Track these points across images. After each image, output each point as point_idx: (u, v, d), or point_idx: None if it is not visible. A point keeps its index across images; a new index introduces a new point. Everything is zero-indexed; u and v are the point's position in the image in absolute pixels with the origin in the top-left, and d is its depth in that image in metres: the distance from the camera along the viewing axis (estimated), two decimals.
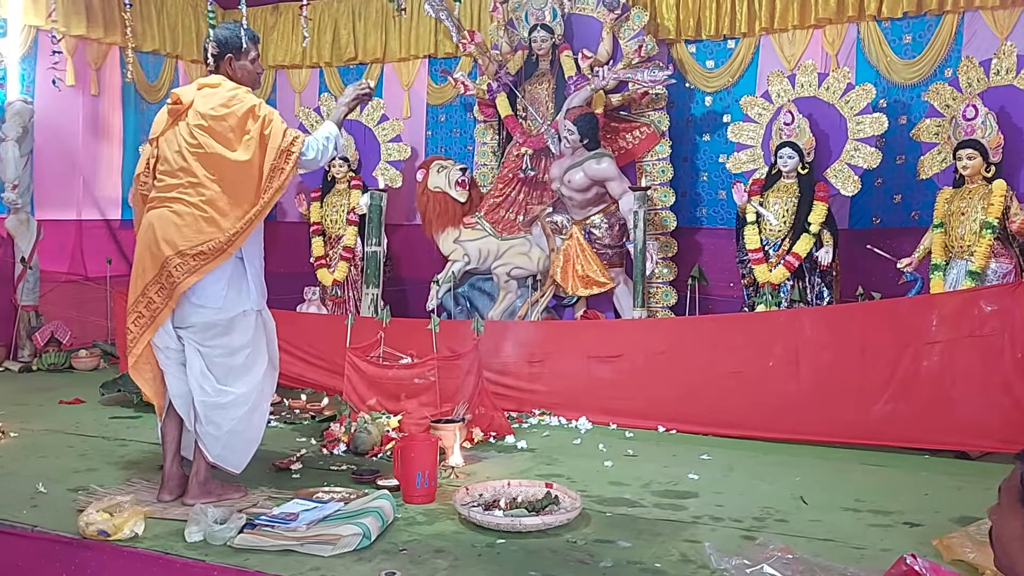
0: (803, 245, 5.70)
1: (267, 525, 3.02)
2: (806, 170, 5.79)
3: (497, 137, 7.29)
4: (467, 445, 4.31)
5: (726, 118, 6.82)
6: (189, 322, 3.34)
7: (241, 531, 2.95)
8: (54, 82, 6.82)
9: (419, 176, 7.05)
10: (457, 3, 6.67)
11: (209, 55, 3.47)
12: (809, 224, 5.70)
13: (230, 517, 3.01)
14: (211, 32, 3.45)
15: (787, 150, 5.75)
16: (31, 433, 4.58)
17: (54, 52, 6.11)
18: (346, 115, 3.71)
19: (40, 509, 3.27)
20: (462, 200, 6.92)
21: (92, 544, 2.92)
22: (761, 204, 5.88)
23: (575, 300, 6.54)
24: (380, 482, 3.65)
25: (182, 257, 3.24)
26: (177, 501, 3.38)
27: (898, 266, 5.50)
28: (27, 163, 6.88)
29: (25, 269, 6.80)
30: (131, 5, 3.57)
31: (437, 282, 6.80)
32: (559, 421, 4.98)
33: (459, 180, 6.89)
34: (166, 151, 3.39)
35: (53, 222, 7.20)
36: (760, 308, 5.66)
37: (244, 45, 3.46)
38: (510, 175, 6.93)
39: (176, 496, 3.40)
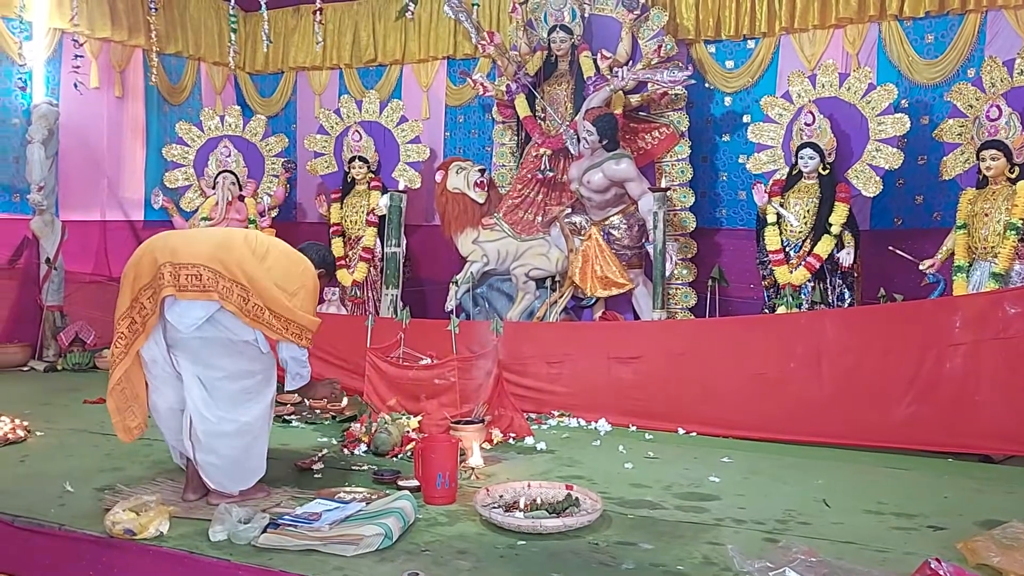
0: (824, 246, 5.67)
1: (290, 525, 3.04)
2: (827, 171, 5.77)
3: (516, 138, 7.30)
4: (486, 446, 4.33)
5: (746, 118, 6.80)
6: (179, 337, 3.25)
7: (265, 531, 2.97)
8: (76, 85, 6.90)
9: (438, 177, 7.07)
10: (475, 6, 6.67)
11: None
12: (830, 225, 5.67)
13: (254, 517, 3.03)
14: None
15: (808, 151, 5.72)
16: (57, 432, 4.64)
17: (76, 56, 6.18)
18: (309, 390, 3.73)
19: (67, 508, 3.31)
20: (481, 201, 6.94)
21: (119, 543, 2.96)
22: (782, 205, 5.86)
23: (594, 301, 6.53)
24: (401, 483, 3.67)
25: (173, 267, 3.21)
26: (202, 500, 3.41)
27: (920, 268, 5.46)
28: (52, 165, 6.97)
29: (50, 270, 6.88)
30: (157, 9, 3.60)
31: (456, 283, 6.82)
32: (578, 423, 4.98)
33: (478, 181, 6.91)
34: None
35: (77, 223, 7.28)
36: (781, 310, 5.64)
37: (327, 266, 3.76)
38: (529, 176, 6.94)
39: (201, 495, 3.43)
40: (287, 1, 8.18)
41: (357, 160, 7.35)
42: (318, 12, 4.03)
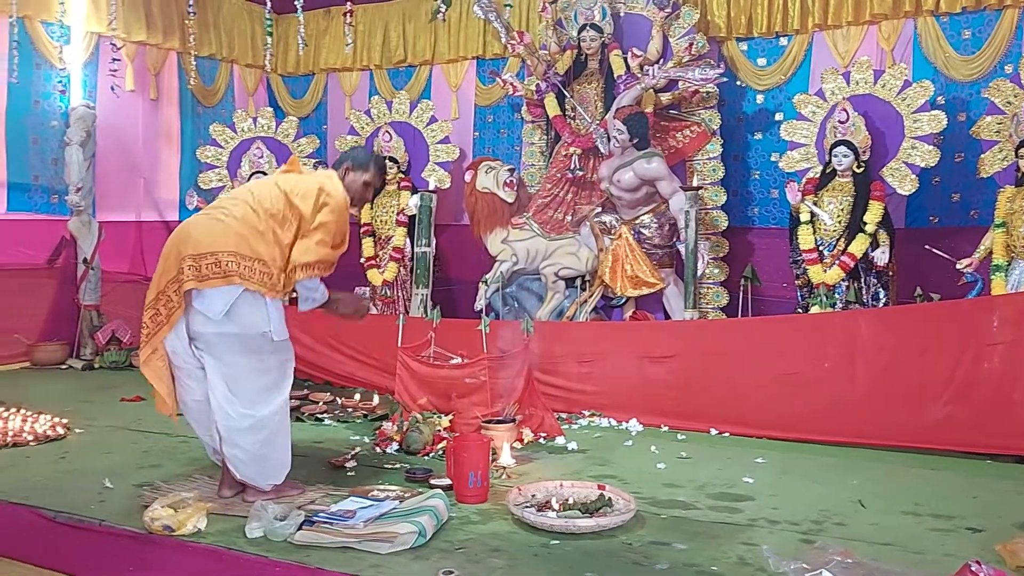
0: (859, 245, 5.61)
1: (325, 522, 3.07)
2: (861, 169, 5.71)
3: (545, 137, 7.30)
4: (517, 446, 4.33)
5: (778, 116, 6.76)
6: (199, 331, 3.31)
7: (300, 528, 3.01)
8: (112, 88, 7.02)
9: (467, 177, 7.09)
10: (508, 6, 6.68)
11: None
12: (865, 224, 5.61)
13: (290, 514, 3.07)
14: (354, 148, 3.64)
15: (842, 148, 5.67)
16: (96, 430, 4.71)
17: (113, 59, 6.28)
18: (331, 308, 3.65)
19: (107, 504, 3.37)
20: (510, 201, 6.95)
21: (157, 539, 3.00)
22: (815, 203, 5.80)
23: (624, 301, 6.52)
24: (433, 481, 3.69)
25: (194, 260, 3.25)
26: (237, 497, 3.45)
27: (957, 267, 5.39)
28: (89, 166, 7.09)
29: (87, 269, 7.00)
30: (195, 13, 3.65)
31: (485, 282, 6.84)
32: (609, 422, 4.97)
33: (507, 181, 6.92)
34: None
35: (114, 224, 7.40)
36: (815, 309, 5.59)
37: (366, 165, 3.58)
38: (558, 175, 6.94)
39: (236, 492, 3.47)
40: (318, 3, 8.24)
41: (387, 160, 7.39)
42: (348, 14, 4.05)
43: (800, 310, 5.87)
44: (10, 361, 6.72)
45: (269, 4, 3.69)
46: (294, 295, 3.54)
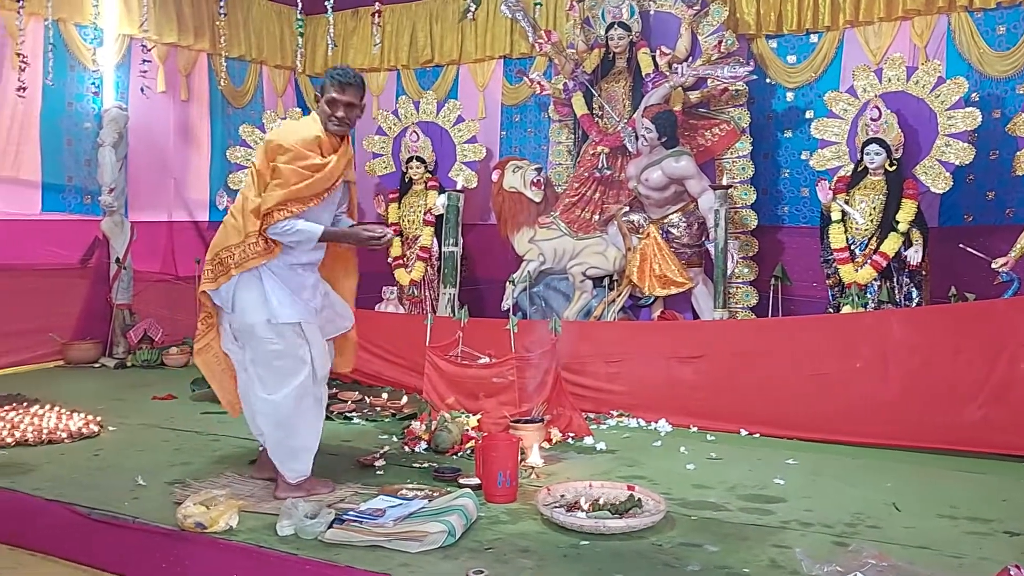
0: (891, 244, 5.54)
1: (355, 521, 3.08)
2: (894, 167, 5.63)
3: (572, 136, 7.28)
4: (546, 446, 4.32)
5: (808, 114, 6.69)
6: (229, 326, 3.56)
7: (331, 526, 3.02)
8: (142, 89, 7.10)
9: (494, 176, 7.09)
10: (538, 5, 6.66)
11: None
12: (897, 222, 5.54)
13: (320, 512, 3.08)
14: None
15: (874, 146, 5.60)
16: (128, 428, 4.77)
17: (144, 60, 6.35)
18: (340, 239, 3.66)
19: (140, 501, 3.41)
20: (537, 200, 6.94)
21: (190, 536, 3.03)
22: (846, 202, 5.74)
23: (652, 300, 6.48)
24: (462, 480, 3.69)
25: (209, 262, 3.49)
26: (267, 483, 3.59)
27: (993, 266, 5.30)
28: (122, 167, 7.17)
29: (120, 269, 7.08)
30: (226, 15, 3.69)
31: (513, 282, 6.83)
32: (638, 423, 4.94)
33: (534, 180, 6.91)
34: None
35: (145, 224, 7.48)
36: (846, 309, 5.53)
37: (324, 85, 3.52)
38: (586, 174, 6.92)
39: (265, 476, 3.63)
40: (346, 4, 8.28)
41: (415, 160, 7.42)
42: (377, 14, 4.06)
43: (831, 310, 5.80)
44: (44, 359, 6.82)
45: (300, 5, 3.69)
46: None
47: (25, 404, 5.09)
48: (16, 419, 4.70)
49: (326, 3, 3.51)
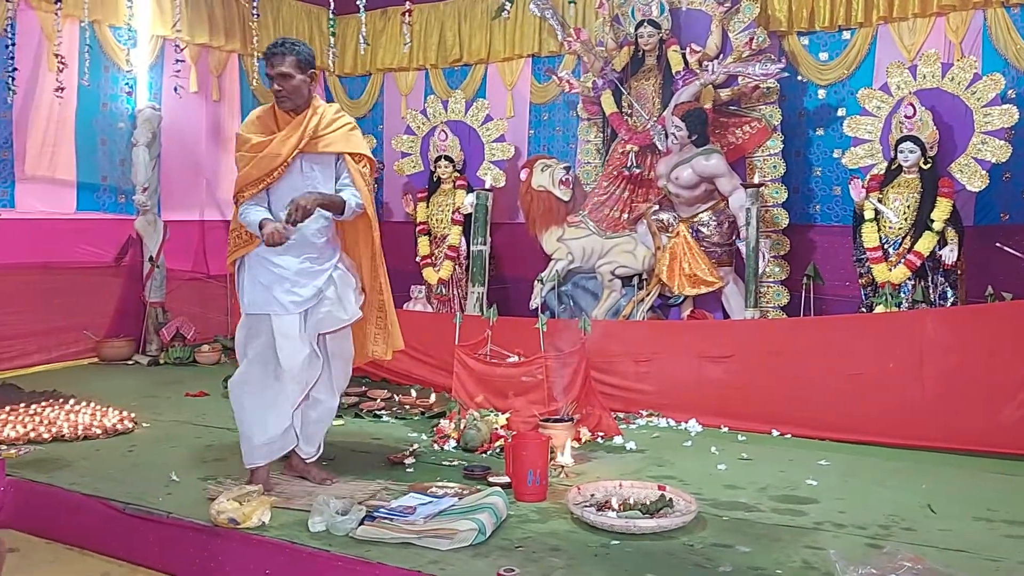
0: (925, 243, 5.46)
1: (386, 517, 3.09)
2: (928, 165, 5.55)
3: (601, 135, 7.25)
4: (575, 445, 4.30)
5: (841, 112, 6.61)
6: None
7: (362, 523, 3.04)
8: (176, 89, 7.18)
9: (523, 175, 7.08)
10: (572, 3, 6.63)
11: None
12: (932, 221, 5.46)
13: (351, 509, 3.10)
14: None
15: (908, 144, 5.53)
16: (162, 424, 4.83)
17: (177, 61, 6.42)
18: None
19: (174, 497, 3.45)
20: (566, 199, 6.92)
21: (223, 531, 3.06)
22: (880, 200, 5.66)
23: (681, 300, 6.44)
24: (491, 479, 3.69)
25: None
26: (298, 480, 3.69)
27: None
28: (155, 167, 7.26)
29: (153, 267, 7.16)
30: (259, 15, 3.72)
31: (541, 281, 6.82)
32: (668, 422, 4.92)
33: (563, 179, 6.89)
34: None
35: (178, 223, 7.56)
36: (879, 309, 5.46)
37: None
38: (615, 172, 6.89)
39: (297, 473, 3.74)
40: (375, 4, 8.32)
41: (443, 159, 7.43)
42: (407, 14, 4.07)
43: (864, 309, 5.73)
44: (79, 357, 6.91)
45: (332, 5, 3.71)
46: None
47: (61, 400, 5.17)
48: (52, 415, 4.78)
49: (358, 2, 3.51)
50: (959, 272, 5.58)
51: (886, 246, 5.64)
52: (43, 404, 5.04)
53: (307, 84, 3.51)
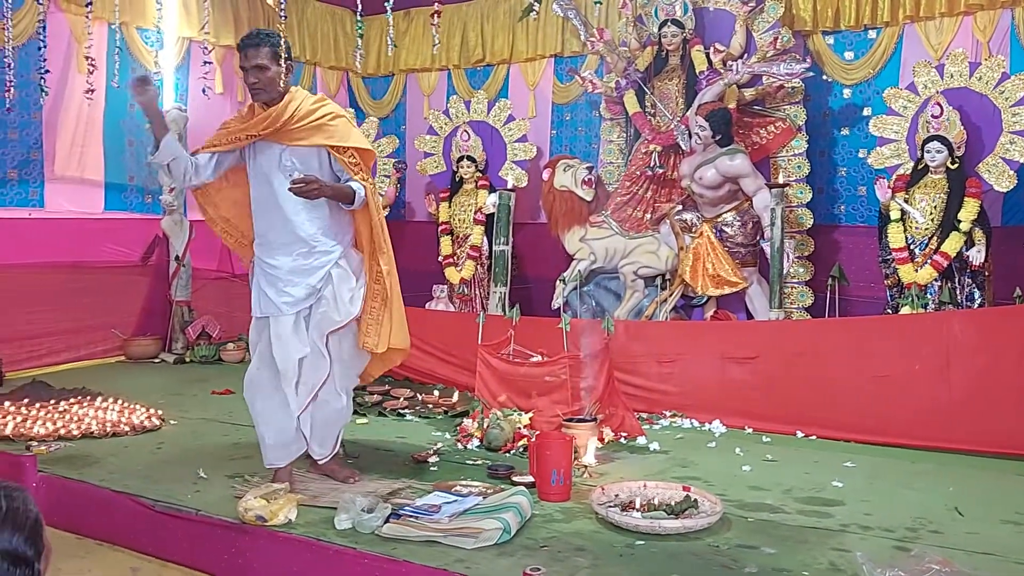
0: (952, 244, 5.41)
1: (411, 516, 3.11)
2: (956, 165, 5.50)
3: (624, 135, 7.24)
4: (598, 445, 4.30)
5: (866, 111, 6.56)
6: None
7: (387, 520, 3.06)
8: (204, 91, 7.23)
9: (545, 175, 7.08)
10: (598, 3, 6.61)
11: None
12: (959, 222, 5.41)
13: (376, 507, 3.12)
14: None
15: (935, 144, 5.47)
16: (189, 421, 4.88)
17: (205, 63, 6.48)
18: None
19: (202, 494, 3.49)
20: (588, 199, 6.91)
21: (251, 529, 3.09)
22: (906, 201, 5.62)
23: (705, 300, 6.42)
24: (515, 478, 3.70)
25: None
26: (323, 478, 3.72)
27: None
28: None
29: (179, 267, 7.24)
30: (286, 17, 3.75)
31: (563, 280, 6.82)
32: (691, 423, 4.91)
33: (585, 179, 6.89)
34: None
35: (204, 223, 7.56)
36: (905, 310, 5.41)
37: None
38: (638, 172, 6.89)
39: (322, 471, 3.77)
40: (398, 5, 8.34)
41: (465, 159, 7.45)
42: (436, 15, 4.07)
43: (889, 310, 5.68)
44: (107, 355, 7.00)
45: (361, 7, 3.73)
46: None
47: (89, 398, 5.24)
48: (81, 412, 4.85)
49: (386, 3, 3.52)
50: (986, 273, 5.52)
51: (912, 247, 5.60)
52: (72, 401, 5.11)
53: (281, 76, 3.45)
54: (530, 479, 3.62)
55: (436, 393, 5.58)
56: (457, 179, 7.58)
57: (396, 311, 3.68)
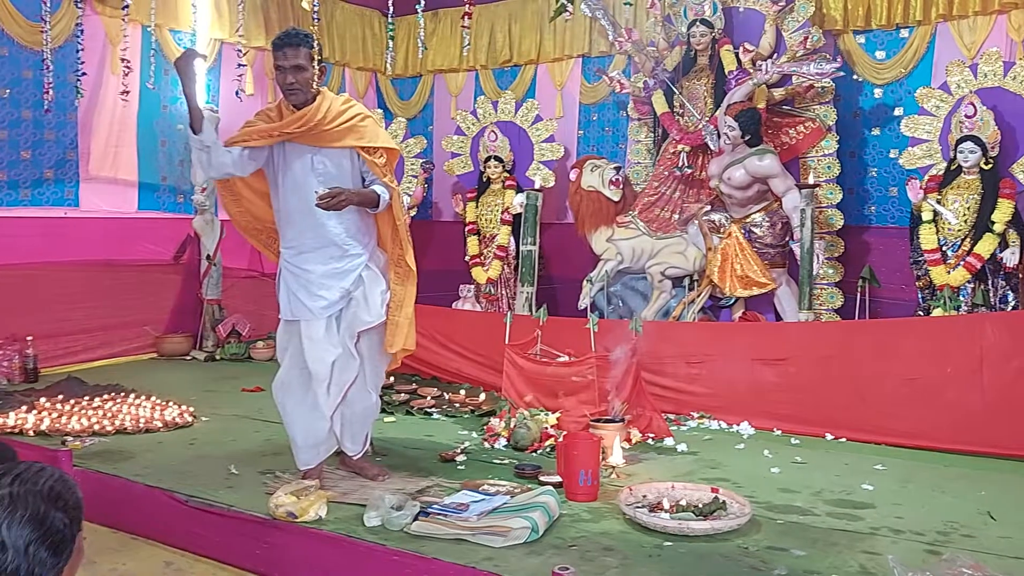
0: (986, 245, 5.35)
1: (440, 513, 3.14)
2: (989, 165, 5.44)
3: (652, 135, 7.23)
4: (625, 446, 4.30)
5: (898, 111, 6.49)
6: None
7: (416, 518, 3.08)
8: (237, 93, 7.32)
9: (572, 175, 7.08)
10: (628, 4, 6.59)
11: None
12: (993, 223, 5.34)
13: (405, 504, 3.15)
14: None
15: (969, 144, 5.41)
16: (220, 418, 4.95)
17: (239, 64, 6.56)
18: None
19: (234, 490, 3.54)
20: (616, 199, 6.90)
21: (282, 525, 3.13)
22: (939, 202, 5.56)
23: (733, 301, 6.39)
24: (543, 478, 3.71)
25: None
26: (352, 475, 3.77)
27: None
28: None
29: (210, 266, 7.32)
30: (319, 19, 3.78)
31: (590, 281, 6.82)
32: (719, 425, 4.89)
33: (613, 179, 6.88)
34: None
35: None
36: (937, 312, 5.35)
37: None
38: (665, 173, 6.87)
39: (351, 468, 3.82)
40: (427, 6, 8.38)
41: (493, 160, 7.47)
42: (467, 16, 4.10)
43: (920, 312, 5.63)
44: (139, 352, 7.10)
45: (392, 8, 3.76)
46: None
47: (123, 394, 5.32)
48: (115, 408, 4.93)
49: (416, 5, 3.55)
50: (1020, 275, 5.45)
51: (945, 248, 5.53)
52: (106, 397, 5.20)
53: (315, 77, 3.48)
54: (557, 479, 3.63)
55: (463, 392, 5.60)
56: (484, 179, 7.60)
57: (411, 313, 3.73)
